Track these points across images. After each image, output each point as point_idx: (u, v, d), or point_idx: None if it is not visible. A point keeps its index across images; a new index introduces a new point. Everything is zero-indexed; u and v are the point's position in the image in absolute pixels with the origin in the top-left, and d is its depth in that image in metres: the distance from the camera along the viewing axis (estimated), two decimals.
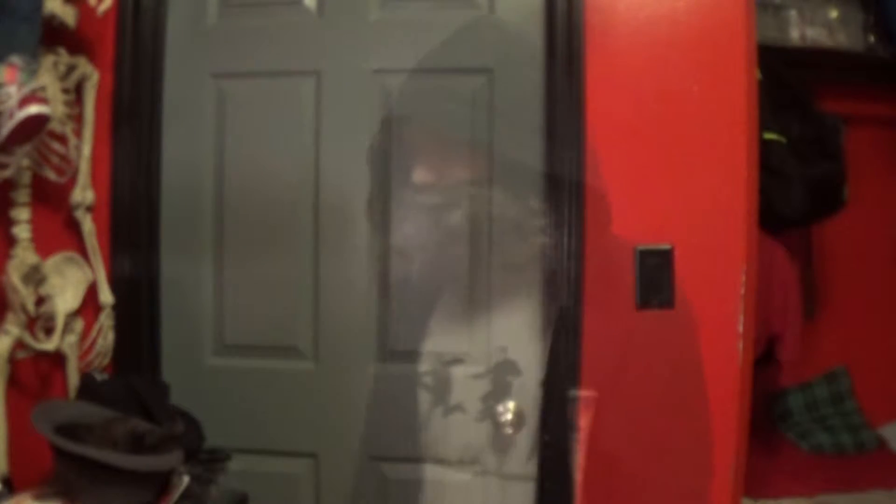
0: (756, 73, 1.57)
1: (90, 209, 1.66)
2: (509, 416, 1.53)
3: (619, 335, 1.55)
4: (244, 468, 1.63)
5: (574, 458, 1.52)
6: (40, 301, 1.58)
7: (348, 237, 1.66)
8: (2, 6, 1.39)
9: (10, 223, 1.59)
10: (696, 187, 1.54)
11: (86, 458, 1.29)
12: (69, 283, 1.62)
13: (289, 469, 1.68)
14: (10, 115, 1.39)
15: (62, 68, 1.57)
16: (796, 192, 2.03)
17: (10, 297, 1.54)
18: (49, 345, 1.57)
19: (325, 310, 1.66)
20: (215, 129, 1.71)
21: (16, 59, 1.41)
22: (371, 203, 1.65)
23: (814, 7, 2.19)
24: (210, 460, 1.56)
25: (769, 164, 1.89)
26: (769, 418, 2.27)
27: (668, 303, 1.53)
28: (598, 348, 1.53)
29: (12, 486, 1.50)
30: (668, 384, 1.54)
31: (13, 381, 1.57)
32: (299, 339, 1.68)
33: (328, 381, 1.66)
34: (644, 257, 1.53)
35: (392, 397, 1.62)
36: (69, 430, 1.35)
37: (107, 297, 1.65)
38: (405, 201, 1.61)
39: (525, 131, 1.59)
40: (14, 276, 1.53)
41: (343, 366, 1.65)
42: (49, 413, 1.40)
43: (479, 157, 1.57)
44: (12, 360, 1.55)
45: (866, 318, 2.34)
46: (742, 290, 1.52)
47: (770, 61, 1.89)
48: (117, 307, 1.66)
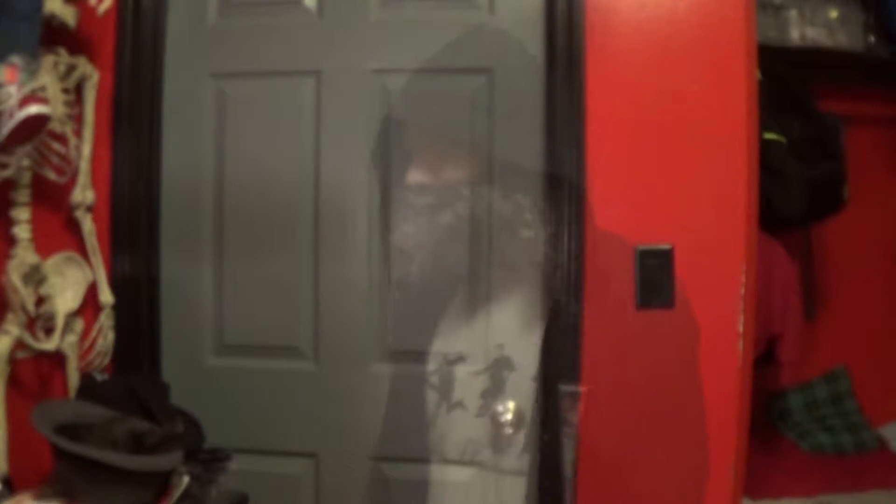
0: (756, 73, 1.57)
1: (90, 209, 1.66)
2: (509, 416, 1.53)
3: (619, 335, 1.55)
4: (244, 468, 1.63)
5: (573, 457, 1.52)
6: (40, 301, 1.58)
7: (348, 237, 1.66)
8: (2, 6, 1.39)
9: (10, 223, 1.59)
10: (696, 187, 1.54)
11: (86, 458, 1.29)
12: (69, 283, 1.62)
13: (289, 469, 1.68)
14: (11, 115, 1.39)
15: (62, 68, 1.57)
16: (796, 192, 2.03)
17: (10, 297, 1.54)
18: (49, 345, 1.57)
19: (325, 310, 1.66)
20: (215, 129, 1.71)
21: (16, 59, 1.41)
22: (372, 204, 1.65)
23: (814, 7, 2.20)
24: (210, 460, 1.56)
25: (769, 164, 1.89)
26: (769, 418, 2.27)
27: (668, 303, 1.53)
28: (598, 348, 1.54)
29: (12, 486, 1.50)
30: (668, 384, 1.54)
31: (13, 381, 1.57)
32: (299, 340, 1.68)
33: (328, 381, 1.66)
34: (644, 257, 1.53)
35: (392, 397, 1.62)
36: (69, 430, 1.35)
37: (107, 297, 1.65)
38: (405, 201, 1.61)
39: (525, 131, 1.59)
40: (14, 276, 1.54)
41: (343, 366, 1.65)
42: (49, 413, 1.40)
43: (479, 156, 1.58)
44: (12, 360, 1.55)
45: (866, 318, 2.34)
46: (742, 290, 1.52)
47: (770, 61, 1.89)
48: (117, 307, 1.66)
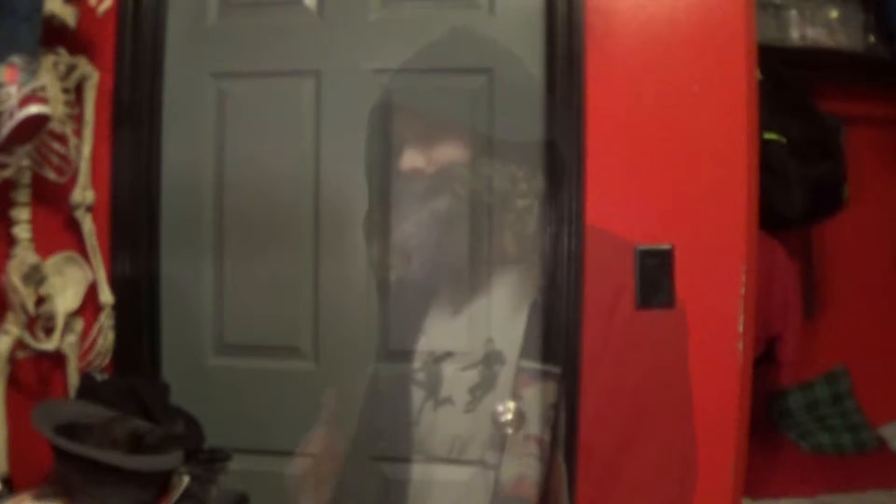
0: (756, 73, 1.57)
1: (90, 209, 1.65)
2: (509, 416, 1.53)
3: (619, 335, 1.55)
4: (244, 468, 1.63)
5: (573, 457, 1.52)
6: (40, 301, 1.58)
7: (348, 237, 1.65)
8: (2, 6, 1.39)
9: (10, 223, 1.59)
10: (696, 187, 1.54)
11: (86, 458, 1.29)
12: (69, 283, 1.62)
13: (289, 469, 1.68)
14: (11, 115, 1.39)
15: (62, 68, 1.57)
16: (796, 192, 2.03)
17: (10, 297, 1.54)
18: (49, 345, 1.57)
19: (325, 310, 1.66)
20: (215, 129, 1.71)
21: (16, 59, 1.41)
22: (370, 204, 1.65)
23: (814, 7, 2.19)
24: (210, 460, 1.56)
25: (769, 164, 1.89)
26: (769, 418, 2.27)
27: (668, 303, 1.53)
28: (598, 348, 1.53)
29: (12, 486, 1.50)
30: (667, 384, 1.54)
31: (13, 381, 1.57)
32: (300, 340, 1.67)
33: (329, 381, 1.66)
34: (644, 257, 1.53)
35: (393, 397, 1.62)
36: (69, 430, 1.35)
37: (107, 297, 1.65)
38: (404, 200, 1.61)
39: (525, 131, 1.59)
40: (14, 276, 1.53)
41: (343, 366, 1.65)
42: (49, 413, 1.40)
43: (478, 156, 1.58)
44: (12, 360, 1.55)
45: (866, 318, 2.34)
46: (742, 290, 1.52)
47: (770, 61, 1.89)
48: (117, 307, 1.66)
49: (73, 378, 1.61)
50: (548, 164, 1.58)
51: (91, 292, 1.65)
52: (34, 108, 1.41)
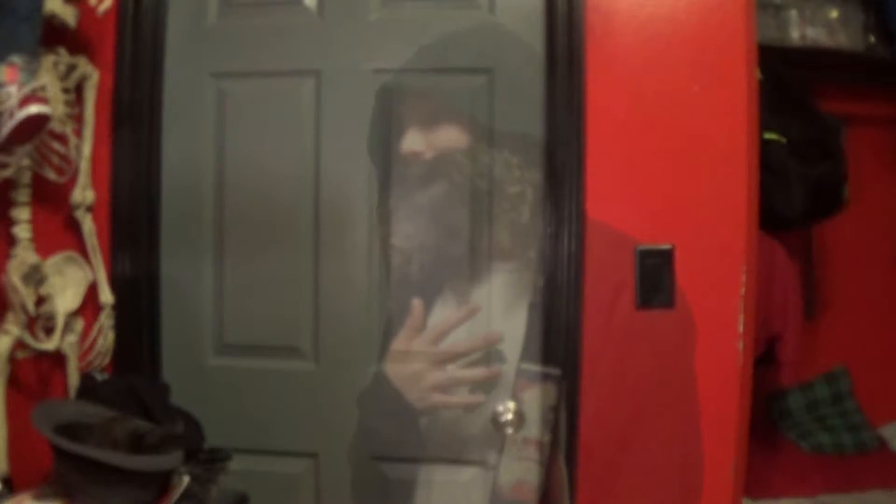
0: (756, 73, 1.57)
1: (90, 209, 1.65)
2: (509, 416, 1.53)
3: (619, 335, 1.55)
4: (244, 468, 1.63)
5: (573, 457, 1.52)
6: (40, 301, 1.58)
7: (348, 237, 1.65)
8: (2, 6, 1.39)
9: (10, 223, 1.59)
10: (696, 187, 1.54)
11: (86, 458, 1.29)
12: (69, 283, 1.62)
13: (289, 469, 1.68)
14: (11, 115, 1.39)
15: (62, 68, 1.57)
16: (796, 192, 2.03)
17: (10, 297, 1.54)
18: (49, 345, 1.57)
19: (325, 310, 1.66)
20: (215, 129, 1.71)
21: (16, 59, 1.41)
22: (379, 200, 1.65)
23: (814, 7, 2.20)
24: (210, 460, 1.56)
25: (769, 164, 1.89)
26: (769, 418, 2.27)
27: (668, 303, 1.53)
28: (598, 348, 1.54)
29: (12, 486, 1.50)
30: (668, 384, 1.54)
31: (13, 381, 1.57)
32: (300, 340, 1.67)
33: (328, 381, 1.66)
34: (644, 257, 1.54)
35: (392, 396, 1.62)
36: (69, 430, 1.35)
37: (107, 296, 1.65)
38: (404, 199, 1.61)
39: (525, 131, 1.59)
40: (14, 276, 1.53)
41: (343, 366, 1.65)
42: (49, 413, 1.40)
43: (480, 148, 1.58)
44: (12, 360, 1.55)
45: (866, 318, 2.34)
46: (742, 290, 1.52)
47: (770, 61, 1.89)
48: (117, 307, 1.66)
49: (73, 378, 1.61)
50: (548, 164, 1.58)
51: (91, 292, 1.65)
52: (34, 108, 1.41)
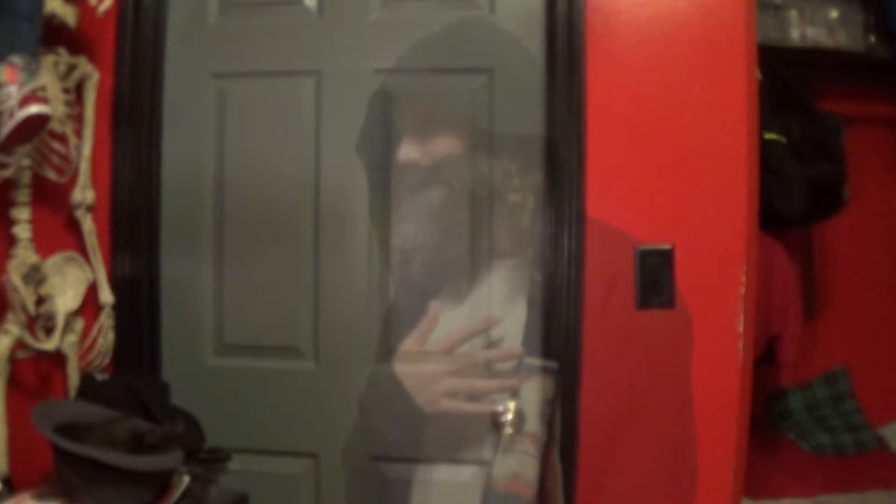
0: (756, 73, 1.57)
1: (90, 209, 1.66)
2: (509, 415, 1.53)
3: (619, 335, 1.55)
4: (244, 468, 1.63)
5: (573, 453, 1.52)
6: (40, 301, 1.58)
7: (348, 237, 1.65)
8: (2, 6, 1.39)
9: (11, 223, 1.59)
10: (696, 187, 1.54)
11: (86, 458, 1.29)
12: (69, 283, 1.62)
13: (289, 469, 1.68)
14: (11, 115, 1.39)
15: (62, 68, 1.57)
16: (796, 192, 2.03)
17: (10, 297, 1.54)
18: (49, 345, 1.57)
19: (325, 310, 1.66)
20: (215, 129, 1.71)
21: (16, 59, 1.41)
22: (372, 201, 1.65)
23: (814, 7, 2.20)
24: (210, 460, 1.56)
25: (769, 164, 1.89)
26: (769, 418, 2.27)
27: (668, 303, 1.53)
28: (598, 348, 1.54)
29: (12, 486, 1.50)
30: (667, 384, 1.54)
31: (13, 381, 1.57)
32: (300, 340, 1.67)
33: (328, 381, 1.66)
34: (644, 257, 1.54)
35: (392, 396, 1.62)
36: (69, 430, 1.35)
37: (107, 296, 1.65)
38: (404, 199, 1.61)
39: (525, 131, 1.59)
40: (14, 276, 1.53)
41: (343, 366, 1.65)
42: (49, 413, 1.40)
43: (479, 155, 1.58)
44: (12, 360, 1.55)
45: (866, 318, 2.34)
46: (742, 290, 1.52)
47: (770, 61, 1.89)
48: (117, 307, 1.66)
49: (73, 378, 1.61)
50: (548, 164, 1.58)
51: (91, 292, 1.65)
52: (34, 108, 1.41)
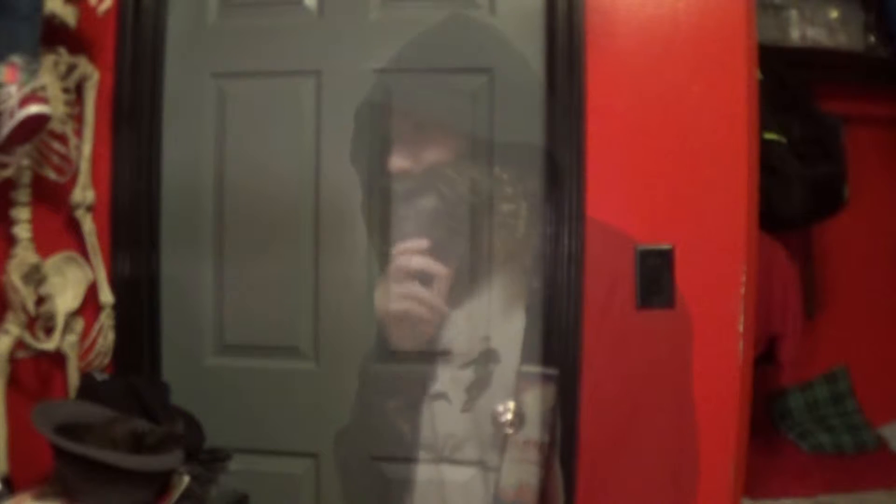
0: (756, 73, 1.57)
1: (90, 209, 1.66)
2: (509, 416, 1.53)
3: (619, 335, 1.55)
4: (244, 468, 1.63)
5: (573, 457, 1.52)
6: (40, 301, 1.58)
7: (348, 237, 1.66)
8: (2, 6, 1.39)
9: (11, 223, 1.59)
10: (696, 187, 1.54)
11: (86, 458, 1.29)
12: (69, 283, 1.62)
13: (289, 469, 1.68)
14: (11, 115, 1.39)
15: (62, 68, 1.57)
16: (796, 192, 2.03)
17: (10, 297, 1.54)
18: (49, 345, 1.57)
19: (326, 310, 1.66)
20: (215, 129, 1.71)
21: (16, 59, 1.41)
22: (368, 201, 1.65)
23: (814, 7, 2.20)
24: (210, 460, 1.56)
25: (769, 164, 1.89)
26: (769, 418, 2.27)
27: (668, 303, 1.53)
28: (598, 348, 1.54)
29: (12, 486, 1.50)
30: (667, 384, 1.54)
31: (13, 381, 1.57)
32: (300, 340, 1.67)
33: (329, 381, 1.66)
34: (644, 257, 1.54)
35: (391, 396, 1.62)
36: (69, 429, 1.35)
37: (107, 296, 1.65)
38: (403, 199, 1.61)
39: (525, 131, 1.59)
40: (14, 276, 1.53)
41: (343, 366, 1.65)
42: (49, 413, 1.40)
43: (478, 156, 1.58)
44: (12, 360, 1.55)
45: (866, 318, 2.34)
46: (742, 290, 1.52)
47: (770, 61, 1.89)
48: (117, 307, 1.66)
49: (73, 378, 1.61)
50: (548, 164, 1.58)
51: (91, 292, 1.65)
52: (34, 108, 1.41)
